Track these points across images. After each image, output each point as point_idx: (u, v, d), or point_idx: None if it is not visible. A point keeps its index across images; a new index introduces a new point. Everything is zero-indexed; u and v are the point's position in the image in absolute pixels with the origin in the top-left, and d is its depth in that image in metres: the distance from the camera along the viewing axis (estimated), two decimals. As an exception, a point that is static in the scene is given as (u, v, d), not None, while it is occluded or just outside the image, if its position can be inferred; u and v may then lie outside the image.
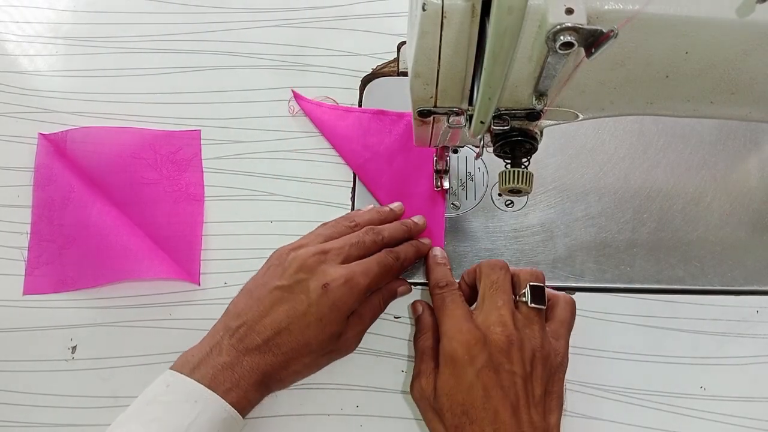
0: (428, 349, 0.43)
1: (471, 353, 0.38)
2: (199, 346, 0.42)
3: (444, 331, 0.41)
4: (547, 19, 0.29)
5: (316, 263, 0.42)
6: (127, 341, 0.49)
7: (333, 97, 0.56)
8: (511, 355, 0.39)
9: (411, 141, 0.51)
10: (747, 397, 0.45)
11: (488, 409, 0.37)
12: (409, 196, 0.52)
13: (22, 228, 0.53)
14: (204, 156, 0.55)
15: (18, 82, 0.58)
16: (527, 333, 0.40)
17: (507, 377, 0.38)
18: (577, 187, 0.53)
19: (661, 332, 0.48)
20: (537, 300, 0.41)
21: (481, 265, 0.44)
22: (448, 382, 0.39)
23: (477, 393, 0.38)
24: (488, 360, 0.38)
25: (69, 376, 0.48)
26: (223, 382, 0.39)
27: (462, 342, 0.39)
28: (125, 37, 0.60)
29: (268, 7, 0.60)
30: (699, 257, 0.50)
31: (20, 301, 0.51)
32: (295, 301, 0.41)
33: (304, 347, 0.41)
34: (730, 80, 0.34)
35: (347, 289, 0.42)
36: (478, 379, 0.38)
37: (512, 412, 0.37)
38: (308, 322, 0.41)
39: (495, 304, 0.41)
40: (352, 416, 0.46)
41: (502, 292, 0.41)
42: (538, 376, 0.39)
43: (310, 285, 0.41)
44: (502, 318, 0.40)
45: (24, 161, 0.55)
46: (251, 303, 0.42)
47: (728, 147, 0.54)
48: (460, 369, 0.39)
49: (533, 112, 0.36)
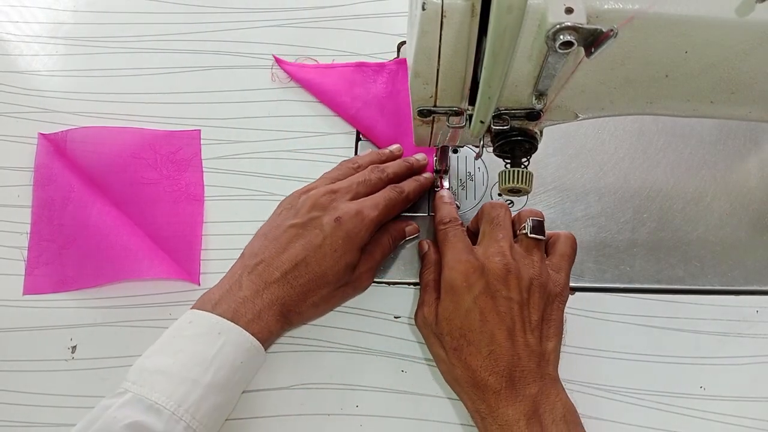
0: (432, 282, 0.45)
1: (469, 281, 0.41)
2: (218, 286, 0.43)
3: (445, 262, 0.43)
4: (546, 19, 0.29)
5: (327, 201, 0.45)
6: (127, 341, 0.49)
7: (314, 57, 0.57)
8: (508, 282, 0.41)
9: (396, 87, 0.54)
10: (747, 397, 0.45)
11: (485, 332, 0.39)
12: (406, 135, 0.53)
13: (22, 228, 0.53)
14: (204, 156, 0.55)
15: (18, 82, 0.58)
16: (525, 262, 0.42)
17: (503, 303, 0.40)
18: (577, 187, 0.53)
19: (661, 332, 0.48)
20: (537, 231, 0.44)
21: (483, 206, 0.46)
22: (448, 308, 0.41)
23: (474, 317, 0.40)
24: (485, 287, 0.40)
25: (69, 376, 0.48)
26: (245, 314, 0.41)
27: (461, 271, 0.41)
28: (125, 37, 0.60)
29: (268, 7, 0.60)
30: (699, 257, 0.50)
31: (20, 301, 0.51)
32: (310, 235, 0.43)
33: (321, 278, 0.43)
34: (730, 80, 0.34)
35: (358, 220, 0.44)
36: (476, 305, 0.40)
37: (508, 335, 0.39)
38: (324, 254, 0.43)
39: (495, 237, 0.43)
40: (352, 416, 0.46)
41: (502, 227, 0.44)
42: (535, 303, 0.41)
43: (323, 220, 0.43)
44: (500, 249, 0.42)
45: (24, 161, 0.55)
46: (267, 243, 0.44)
47: (728, 147, 0.54)
48: (458, 296, 0.41)
49: (533, 111, 0.36)
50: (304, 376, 0.47)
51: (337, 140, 0.55)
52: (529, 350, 0.40)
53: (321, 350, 0.48)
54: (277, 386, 0.47)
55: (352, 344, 0.48)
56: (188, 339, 0.40)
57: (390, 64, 0.56)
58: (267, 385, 0.47)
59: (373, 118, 0.54)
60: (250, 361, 0.41)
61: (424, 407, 0.46)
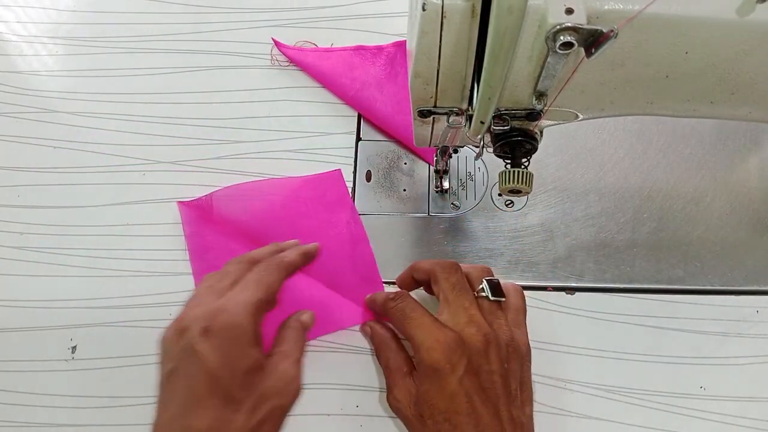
0: (391, 360, 0.42)
1: (452, 361, 0.37)
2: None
3: (419, 343, 0.39)
4: (546, 19, 0.29)
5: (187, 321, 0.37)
6: (127, 341, 0.49)
7: (312, 41, 0.58)
8: (489, 355, 0.38)
9: (395, 69, 0.55)
10: (747, 397, 0.45)
11: (471, 414, 0.37)
12: (405, 115, 0.53)
13: (22, 228, 0.53)
14: (204, 156, 0.55)
15: (18, 82, 0.58)
16: (496, 328, 0.40)
17: (486, 378, 0.38)
18: (577, 187, 0.53)
19: (661, 332, 0.48)
20: (497, 293, 0.41)
21: (434, 268, 0.42)
22: (429, 392, 0.38)
23: (460, 400, 0.37)
24: (468, 364, 0.38)
25: (69, 376, 0.48)
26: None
27: (441, 351, 0.38)
28: (125, 37, 0.60)
29: (268, 7, 0.60)
30: (699, 257, 0.50)
31: (20, 301, 0.51)
32: (188, 369, 0.36)
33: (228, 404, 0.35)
34: (730, 80, 0.34)
35: (228, 314, 0.37)
36: (461, 387, 0.37)
37: (494, 413, 0.37)
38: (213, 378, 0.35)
39: (462, 305, 0.40)
40: (352, 416, 0.46)
41: (465, 291, 0.41)
42: (513, 370, 0.39)
43: (191, 342, 0.36)
44: (472, 317, 0.39)
45: (24, 161, 0.55)
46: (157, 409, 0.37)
47: (728, 147, 0.54)
48: (441, 379, 0.38)
49: (533, 112, 0.36)
50: (305, 376, 0.47)
51: (337, 140, 0.55)
52: (513, 424, 0.38)
53: (321, 350, 0.48)
54: (277, 386, 0.47)
55: (352, 344, 0.48)
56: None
57: (388, 47, 0.57)
58: (267, 385, 0.47)
59: (372, 99, 0.54)
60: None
61: (424, 407, 0.46)
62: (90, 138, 0.56)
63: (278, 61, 0.58)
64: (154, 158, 0.55)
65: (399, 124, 0.53)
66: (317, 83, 0.57)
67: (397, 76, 0.55)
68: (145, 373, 0.48)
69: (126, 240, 0.52)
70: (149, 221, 0.53)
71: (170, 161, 0.55)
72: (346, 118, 0.56)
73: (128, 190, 0.54)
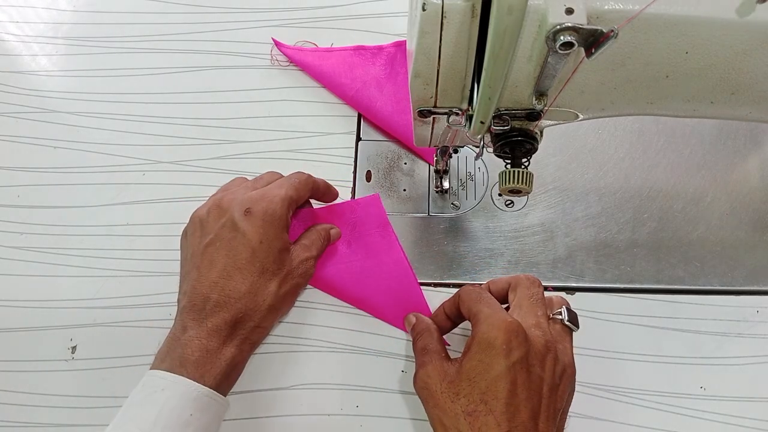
0: (429, 344, 0.41)
1: (509, 344, 0.36)
2: (166, 338, 0.41)
3: (484, 317, 0.38)
4: (547, 19, 0.29)
5: (227, 203, 0.42)
6: (127, 341, 0.49)
7: (312, 41, 0.58)
8: (544, 362, 0.37)
9: (395, 69, 0.55)
10: (747, 397, 0.45)
11: (510, 404, 0.35)
12: (405, 114, 0.53)
13: (22, 228, 0.53)
14: (204, 156, 0.55)
15: (18, 82, 0.58)
16: (560, 347, 0.39)
17: (536, 380, 0.37)
18: (577, 187, 0.53)
19: (661, 332, 0.48)
20: (573, 321, 0.40)
21: (518, 277, 0.42)
22: (476, 368, 0.37)
23: (503, 386, 0.36)
24: (524, 357, 0.36)
25: (69, 376, 0.48)
26: (192, 354, 0.38)
27: (503, 329, 0.36)
28: (125, 37, 0.60)
29: (268, 7, 0.60)
30: (699, 257, 0.50)
31: (20, 301, 0.51)
32: (227, 241, 0.41)
33: (260, 274, 0.41)
34: (730, 80, 0.34)
35: (267, 202, 0.42)
36: (509, 373, 0.36)
37: (531, 416, 0.36)
38: (251, 249, 0.41)
39: (534, 312, 0.39)
40: (352, 416, 0.46)
41: (542, 305, 0.40)
42: (563, 391, 0.38)
43: (233, 219, 0.41)
44: (541, 324, 0.39)
45: (24, 161, 0.55)
46: (193, 273, 0.41)
47: (728, 147, 0.54)
48: (492, 356, 0.36)
49: (533, 112, 0.36)
50: (304, 376, 0.47)
51: (337, 140, 0.55)
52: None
53: (321, 350, 0.48)
54: (277, 386, 0.47)
55: (352, 344, 0.48)
56: (137, 405, 0.37)
57: (388, 47, 0.57)
58: (267, 385, 0.47)
59: (372, 99, 0.54)
60: (203, 409, 0.37)
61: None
62: (90, 138, 0.56)
63: (278, 61, 0.58)
64: (154, 158, 0.55)
65: (399, 124, 0.53)
66: (317, 83, 0.57)
67: (397, 76, 0.55)
68: (145, 373, 0.48)
69: (126, 240, 0.52)
70: (149, 221, 0.53)
71: (170, 161, 0.55)
72: (346, 118, 0.56)
73: (128, 190, 0.54)
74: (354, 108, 0.56)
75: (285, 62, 0.58)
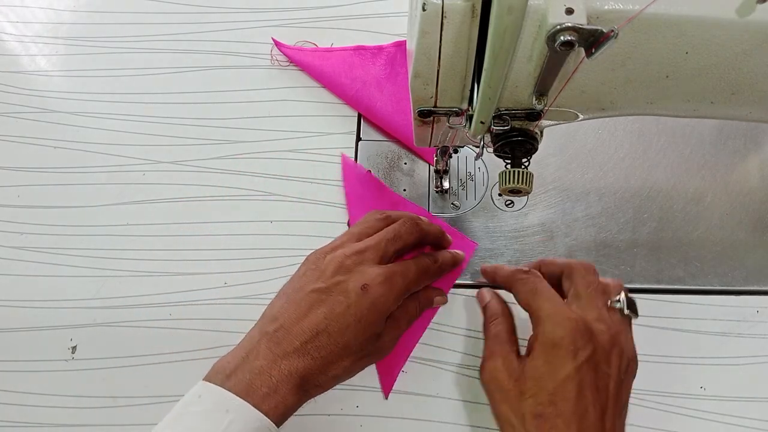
0: (503, 332, 0.41)
1: (576, 344, 0.36)
2: (234, 352, 0.40)
3: (547, 315, 0.38)
4: (547, 19, 0.29)
5: (353, 264, 0.41)
6: (127, 341, 0.49)
7: (312, 41, 0.58)
8: (610, 358, 0.37)
9: (395, 69, 0.55)
10: (747, 397, 0.45)
11: (579, 406, 0.35)
12: (405, 114, 0.53)
13: (22, 228, 0.53)
14: (204, 156, 0.55)
15: (18, 82, 0.58)
16: (623, 339, 0.38)
17: (603, 378, 0.36)
18: (577, 187, 0.53)
19: (661, 332, 0.48)
20: (632, 309, 0.40)
21: (572, 264, 0.42)
22: (540, 368, 0.36)
23: (571, 387, 0.35)
24: (591, 356, 0.36)
25: (69, 376, 0.48)
26: (260, 387, 0.37)
27: (569, 329, 0.36)
28: (125, 37, 0.60)
29: (268, 7, 0.60)
30: (699, 257, 0.50)
31: (20, 301, 0.51)
32: (333, 302, 0.40)
33: (343, 349, 0.39)
34: (730, 80, 0.34)
35: (386, 289, 0.40)
36: (577, 374, 0.36)
37: (600, 416, 0.35)
38: (347, 324, 0.39)
39: (595, 304, 0.39)
40: (352, 416, 0.46)
41: (601, 293, 0.39)
42: (627, 385, 0.38)
43: (348, 286, 0.40)
44: (602, 317, 0.38)
45: (24, 161, 0.55)
46: (288, 306, 0.41)
47: (728, 147, 0.54)
48: (559, 357, 0.36)
49: (533, 112, 0.36)
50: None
51: (337, 140, 0.55)
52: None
53: (321, 350, 0.48)
54: (278, 386, 0.47)
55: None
56: (195, 416, 0.37)
57: (388, 47, 0.57)
58: (267, 385, 0.47)
59: (372, 99, 0.54)
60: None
61: (424, 407, 0.46)
62: (90, 138, 0.56)
63: (278, 61, 0.58)
64: (154, 158, 0.55)
65: (399, 124, 0.53)
66: (317, 83, 0.57)
67: (397, 76, 0.55)
68: (145, 373, 0.48)
69: (126, 240, 0.52)
70: (149, 221, 0.53)
71: (170, 161, 0.55)
72: (346, 118, 0.56)
73: (128, 190, 0.54)
74: (354, 108, 0.56)
75: (285, 62, 0.58)
